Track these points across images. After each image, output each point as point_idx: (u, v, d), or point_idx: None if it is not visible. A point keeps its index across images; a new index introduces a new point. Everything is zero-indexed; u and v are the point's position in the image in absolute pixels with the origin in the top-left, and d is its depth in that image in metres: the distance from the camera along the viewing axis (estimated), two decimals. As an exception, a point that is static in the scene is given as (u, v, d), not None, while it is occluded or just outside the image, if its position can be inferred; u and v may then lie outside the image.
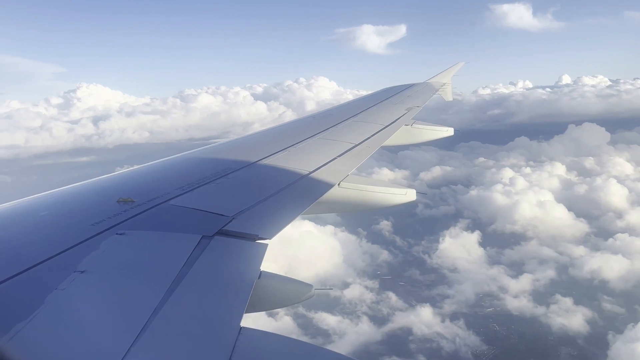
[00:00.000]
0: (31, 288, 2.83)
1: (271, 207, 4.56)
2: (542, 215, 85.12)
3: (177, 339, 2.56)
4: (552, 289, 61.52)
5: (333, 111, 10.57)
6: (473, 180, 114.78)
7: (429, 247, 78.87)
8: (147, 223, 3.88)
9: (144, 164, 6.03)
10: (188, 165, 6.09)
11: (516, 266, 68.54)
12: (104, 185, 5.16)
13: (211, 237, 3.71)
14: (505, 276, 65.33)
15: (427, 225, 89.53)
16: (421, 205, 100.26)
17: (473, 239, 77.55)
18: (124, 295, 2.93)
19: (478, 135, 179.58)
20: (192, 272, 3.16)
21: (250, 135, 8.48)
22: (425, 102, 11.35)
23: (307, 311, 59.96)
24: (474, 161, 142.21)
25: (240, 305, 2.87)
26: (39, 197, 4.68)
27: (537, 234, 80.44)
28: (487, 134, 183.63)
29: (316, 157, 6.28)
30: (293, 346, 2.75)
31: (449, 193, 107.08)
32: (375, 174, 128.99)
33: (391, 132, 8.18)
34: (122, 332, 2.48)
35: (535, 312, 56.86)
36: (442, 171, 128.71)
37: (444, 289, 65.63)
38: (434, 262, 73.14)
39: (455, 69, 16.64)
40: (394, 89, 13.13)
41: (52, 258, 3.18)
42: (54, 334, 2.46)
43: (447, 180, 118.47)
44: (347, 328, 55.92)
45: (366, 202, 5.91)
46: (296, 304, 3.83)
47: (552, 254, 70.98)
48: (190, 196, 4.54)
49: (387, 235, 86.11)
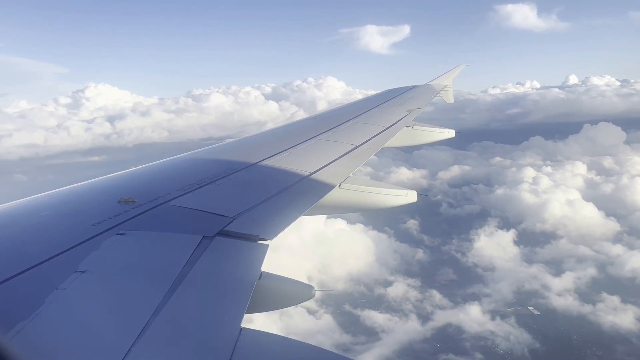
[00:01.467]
0: (32, 288, 2.84)
1: (272, 208, 4.57)
2: (571, 214, 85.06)
3: (178, 339, 2.55)
4: (596, 287, 61.39)
5: (334, 113, 10.62)
6: (493, 180, 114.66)
7: (460, 246, 78.75)
8: (148, 223, 3.90)
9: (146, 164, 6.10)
10: (189, 166, 6.11)
11: (554, 264, 68.37)
12: (105, 186, 5.15)
13: (212, 238, 3.72)
14: (546, 274, 65.18)
15: (454, 224, 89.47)
16: (445, 205, 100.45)
17: (508, 238, 77.42)
18: (125, 296, 2.93)
19: (490, 135, 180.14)
20: (193, 272, 3.16)
21: (251, 136, 8.45)
22: (426, 104, 11.39)
23: (352, 309, 59.80)
24: (490, 161, 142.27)
25: (240, 306, 2.86)
26: (40, 197, 4.67)
27: (567, 233, 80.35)
28: (500, 134, 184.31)
29: (317, 158, 6.31)
30: (293, 347, 2.74)
31: (470, 192, 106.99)
32: (393, 173, 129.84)
33: (392, 134, 8.17)
34: (123, 332, 2.48)
35: (582, 310, 56.70)
36: (461, 170, 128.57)
37: (479, 287, 65.47)
38: (469, 261, 72.99)
39: (457, 72, 16.72)
40: (395, 90, 13.17)
41: (53, 258, 3.18)
42: (54, 333, 2.47)
43: (466, 179, 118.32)
44: (395, 326, 55.70)
45: (367, 204, 5.92)
46: (298, 303, 3.79)
47: (588, 252, 70.88)
48: (191, 197, 4.55)
49: (415, 234, 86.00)
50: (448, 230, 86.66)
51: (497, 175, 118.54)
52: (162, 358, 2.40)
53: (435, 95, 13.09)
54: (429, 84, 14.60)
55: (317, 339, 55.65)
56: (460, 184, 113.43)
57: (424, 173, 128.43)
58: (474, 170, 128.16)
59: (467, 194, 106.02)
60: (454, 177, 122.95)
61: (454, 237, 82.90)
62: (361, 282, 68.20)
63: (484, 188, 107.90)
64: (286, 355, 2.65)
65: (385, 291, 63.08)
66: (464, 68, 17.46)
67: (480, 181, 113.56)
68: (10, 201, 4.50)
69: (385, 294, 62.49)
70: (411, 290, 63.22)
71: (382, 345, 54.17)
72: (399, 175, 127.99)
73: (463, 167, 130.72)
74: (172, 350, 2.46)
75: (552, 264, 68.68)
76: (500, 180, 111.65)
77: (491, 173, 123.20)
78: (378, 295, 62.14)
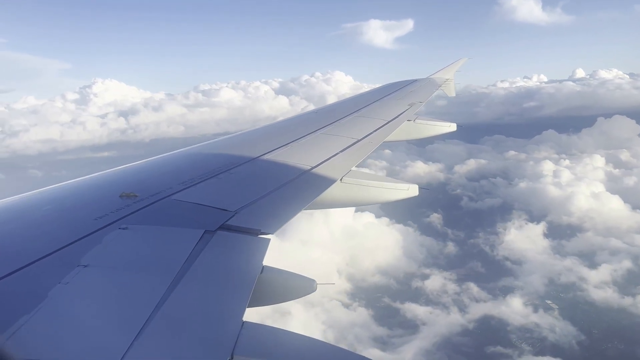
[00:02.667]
0: (35, 282, 2.85)
1: (273, 202, 4.59)
2: (597, 207, 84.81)
3: (180, 333, 2.55)
4: (634, 280, 61.12)
5: (335, 106, 10.64)
6: (511, 173, 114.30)
7: (487, 239, 78.49)
8: (149, 218, 3.91)
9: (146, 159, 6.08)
10: (190, 160, 6.11)
11: (587, 257, 68.10)
12: (106, 180, 5.14)
13: (214, 232, 3.74)
14: (582, 267, 64.91)
15: (477, 218, 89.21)
16: (466, 199, 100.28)
17: (538, 231, 77.17)
18: (128, 290, 2.95)
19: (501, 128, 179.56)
20: (195, 266, 3.18)
21: (252, 131, 8.44)
22: (427, 98, 11.35)
23: (392, 302, 59.64)
24: (504, 154, 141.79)
25: (242, 300, 2.89)
26: (42, 191, 4.68)
27: (593, 226, 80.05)
28: (511, 128, 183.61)
29: (318, 152, 6.30)
30: (295, 340, 2.76)
31: (489, 186, 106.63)
32: (409, 167, 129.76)
33: (393, 128, 8.18)
34: (125, 326, 2.49)
35: (623, 302, 56.46)
36: (477, 164, 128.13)
37: (510, 280, 65.25)
38: (498, 254, 72.72)
39: (458, 65, 16.59)
40: (397, 84, 13.09)
41: (55, 252, 3.20)
42: (57, 327, 2.48)
43: (483, 173, 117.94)
44: (434, 318, 55.54)
45: (369, 198, 5.93)
46: (298, 297, 3.76)
47: (620, 245, 70.52)
48: (192, 191, 4.56)
49: (439, 227, 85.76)
50: (471, 224, 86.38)
51: (515, 169, 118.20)
52: (165, 352, 2.40)
53: (437, 89, 13.02)
54: (431, 77, 14.55)
55: (354, 332, 55.60)
56: (478, 178, 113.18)
57: (440, 167, 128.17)
58: (489, 164, 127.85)
59: (486, 188, 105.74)
60: (470, 171, 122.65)
61: (479, 231, 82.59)
62: (391, 275, 68.08)
63: (503, 181, 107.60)
64: (288, 348, 2.67)
65: (422, 284, 62.88)
66: (465, 61, 17.39)
67: (498, 175, 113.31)
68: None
69: (422, 287, 62.29)
70: (449, 283, 63.03)
71: (421, 338, 54.00)
72: (415, 169, 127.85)
73: (479, 161, 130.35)
74: (174, 344, 2.46)
75: (585, 256, 68.39)
76: (518, 174, 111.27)
77: (508, 167, 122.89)
78: (416, 288, 61.98)
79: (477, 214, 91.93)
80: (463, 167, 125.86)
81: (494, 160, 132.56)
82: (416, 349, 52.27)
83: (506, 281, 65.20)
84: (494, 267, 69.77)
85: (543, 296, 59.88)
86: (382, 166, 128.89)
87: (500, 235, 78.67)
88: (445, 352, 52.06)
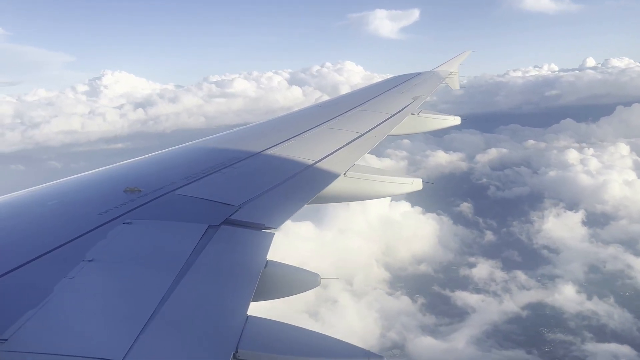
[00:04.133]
0: (41, 276, 2.87)
1: (277, 196, 4.59)
2: (631, 195, 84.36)
3: (185, 327, 2.55)
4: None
5: (339, 100, 10.58)
6: (534, 162, 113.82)
7: (522, 228, 78.20)
8: (153, 212, 3.91)
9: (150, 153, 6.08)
10: (194, 155, 6.12)
11: (629, 244, 67.69)
12: (110, 175, 5.17)
13: (218, 227, 3.74)
14: (627, 255, 64.52)
15: (506, 207, 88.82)
16: (492, 188, 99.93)
17: (576, 219, 76.77)
18: (132, 284, 2.96)
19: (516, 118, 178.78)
20: (199, 261, 3.19)
21: (256, 125, 8.46)
22: (432, 91, 11.30)
23: (442, 289, 59.42)
24: (523, 143, 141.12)
25: (247, 294, 2.89)
26: (47, 186, 4.70)
27: (628, 214, 79.66)
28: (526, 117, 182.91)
29: (322, 146, 6.29)
30: (299, 334, 2.80)
31: (513, 175, 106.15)
32: (431, 156, 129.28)
33: (397, 121, 8.13)
34: (131, 320, 2.50)
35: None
36: (499, 153, 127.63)
37: (549, 268, 65.01)
38: (536, 243, 72.44)
39: (462, 58, 16.50)
40: (401, 77, 13.06)
41: (60, 247, 3.21)
42: (63, 321, 2.50)
43: (506, 162, 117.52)
44: (486, 306, 55.33)
45: (373, 192, 5.93)
46: (303, 292, 3.75)
47: (662, 233, 70.20)
48: (196, 186, 4.57)
49: (470, 217, 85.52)
50: (502, 213, 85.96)
51: (538, 158, 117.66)
52: (170, 346, 2.40)
53: (441, 82, 12.95)
54: (435, 70, 14.49)
55: (401, 320, 55.43)
56: (502, 167, 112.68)
57: (461, 156, 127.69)
58: (511, 153, 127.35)
59: (511, 177, 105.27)
60: (492, 160, 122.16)
61: (511, 219, 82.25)
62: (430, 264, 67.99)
63: (527, 170, 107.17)
64: (292, 342, 2.70)
65: (470, 272, 62.70)
66: (470, 54, 17.40)
67: (521, 164, 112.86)
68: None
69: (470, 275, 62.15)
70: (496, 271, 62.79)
71: (469, 325, 53.86)
72: (436, 158, 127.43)
73: (500, 150, 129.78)
74: (179, 338, 2.46)
75: (627, 243, 68.01)
76: (543, 163, 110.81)
77: (530, 156, 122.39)
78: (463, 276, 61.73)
79: (505, 203, 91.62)
80: (485, 156, 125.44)
81: (514, 150, 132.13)
82: (466, 336, 52.10)
83: (545, 269, 64.92)
84: (531, 256, 69.48)
85: (592, 283, 59.51)
86: (402, 156, 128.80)
87: (535, 223, 78.35)
88: (496, 339, 51.92)
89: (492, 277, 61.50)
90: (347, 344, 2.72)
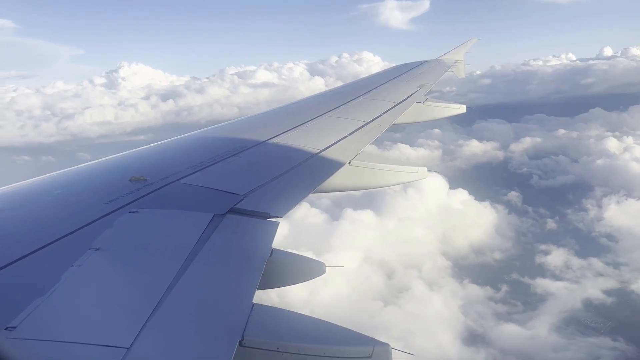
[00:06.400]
0: (48, 264, 2.88)
1: (282, 185, 4.59)
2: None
3: (192, 315, 2.58)
4: None
5: (344, 89, 10.56)
6: (571, 151, 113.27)
7: (578, 216, 77.94)
8: (159, 201, 3.93)
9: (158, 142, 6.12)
10: (199, 144, 6.13)
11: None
12: (116, 164, 5.19)
13: (223, 216, 3.74)
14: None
15: (553, 195, 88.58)
16: (535, 177, 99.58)
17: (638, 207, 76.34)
18: (139, 273, 2.98)
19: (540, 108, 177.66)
20: (205, 249, 3.19)
21: (261, 114, 8.46)
22: (437, 80, 11.27)
23: (520, 277, 59.29)
24: (554, 133, 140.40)
25: (252, 283, 2.91)
26: (53, 175, 4.73)
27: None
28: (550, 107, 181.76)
29: (327, 135, 6.28)
30: (305, 322, 2.86)
31: (552, 164, 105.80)
32: (464, 145, 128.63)
33: (403, 110, 8.13)
34: (137, 308, 2.52)
35: None
36: (533, 142, 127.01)
37: (612, 257, 64.68)
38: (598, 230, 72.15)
39: (468, 46, 16.29)
40: (406, 66, 13.01)
41: (67, 236, 3.23)
42: (71, 309, 2.53)
43: (541, 151, 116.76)
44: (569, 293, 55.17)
45: (378, 181, 5.96)
46: (308, 280, 3.74)
47: None
48: (201, 175, 4.57)
49: (519, 205, 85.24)
50: (550, 201, 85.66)
51: (574, 147, 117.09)
52: (176, 333, 2.42)
53: (447, 70, 12.91)
54: (440, 58, 14.39)
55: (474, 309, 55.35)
56: (539, 156, 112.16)
57: (495, 145, 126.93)
58: (544, 143, 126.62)
59: (550, 166, 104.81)
60: (528, 149, 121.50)
61: (561, 208, 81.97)
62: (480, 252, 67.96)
63: (565, 159, 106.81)
64: (298, 330, 2.72)
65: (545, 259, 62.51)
66: (475, 42, 17.09)
67: (556, 153, 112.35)
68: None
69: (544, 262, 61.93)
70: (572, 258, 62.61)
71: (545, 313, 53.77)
72: (471, 147, 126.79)
73: (534, 139, 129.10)
74: (186, 326, 2.48)
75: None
76: (581, 152, 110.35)
77: (565, 145, 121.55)
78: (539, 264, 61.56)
79: (551, 192, 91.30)
80: (519, 146, 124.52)
81: (547, 139, 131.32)
82: (547, 324, 52.00)
83: (608, 258, 64.66)
84: (590, 244, 69.21)
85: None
86: (435, 146, 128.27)
87: (589, 211, 78.00)
88: (576, 327, 51.83)
89: (568, 264, 61.32)
90: (352, 331, 2.74)
